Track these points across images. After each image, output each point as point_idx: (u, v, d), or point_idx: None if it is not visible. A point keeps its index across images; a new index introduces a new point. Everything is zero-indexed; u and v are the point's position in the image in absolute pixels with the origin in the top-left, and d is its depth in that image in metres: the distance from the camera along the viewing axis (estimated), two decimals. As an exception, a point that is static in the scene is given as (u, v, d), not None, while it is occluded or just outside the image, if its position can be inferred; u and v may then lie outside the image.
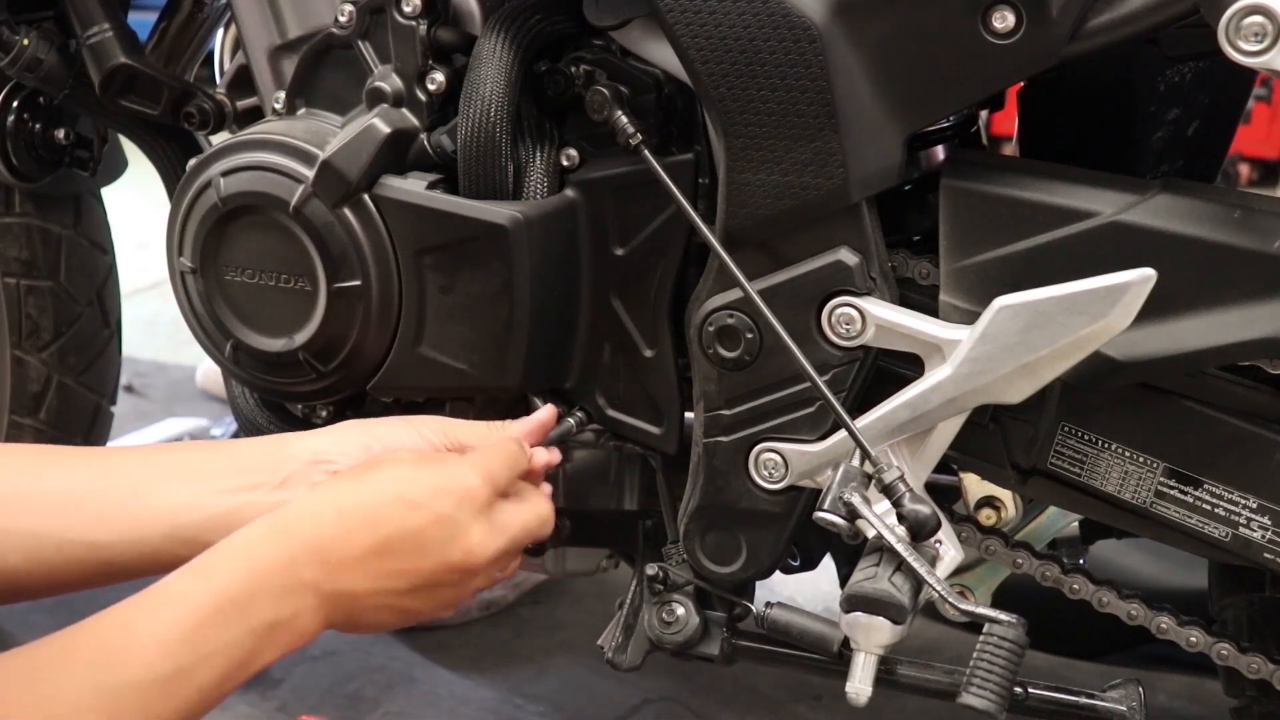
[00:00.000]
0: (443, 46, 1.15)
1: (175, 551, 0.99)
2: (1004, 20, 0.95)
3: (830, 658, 1.10)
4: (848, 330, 1.05)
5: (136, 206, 2.39)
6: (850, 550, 1.19)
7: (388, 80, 1.15)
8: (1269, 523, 1.04)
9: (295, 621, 0.90)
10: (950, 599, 0.95)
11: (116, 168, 1.68)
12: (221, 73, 1.39)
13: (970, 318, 1.01)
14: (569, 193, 1.14)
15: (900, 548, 0.96)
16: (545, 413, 1.14)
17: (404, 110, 1.15)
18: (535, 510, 1.05)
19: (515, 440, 1.07)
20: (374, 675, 1.79)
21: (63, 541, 0.98)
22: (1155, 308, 0.96)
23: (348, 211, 1.14)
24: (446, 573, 0.97)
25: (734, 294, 1.07)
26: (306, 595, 0.91)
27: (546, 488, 1.10)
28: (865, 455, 0.99)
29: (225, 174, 1.18)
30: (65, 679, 0.81)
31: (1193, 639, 1.13)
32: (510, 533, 1.01)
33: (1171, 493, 1.06)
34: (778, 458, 1.09)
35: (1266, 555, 1.05)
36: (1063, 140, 1.21)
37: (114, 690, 0.81)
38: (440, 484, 0.97)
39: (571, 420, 1.18)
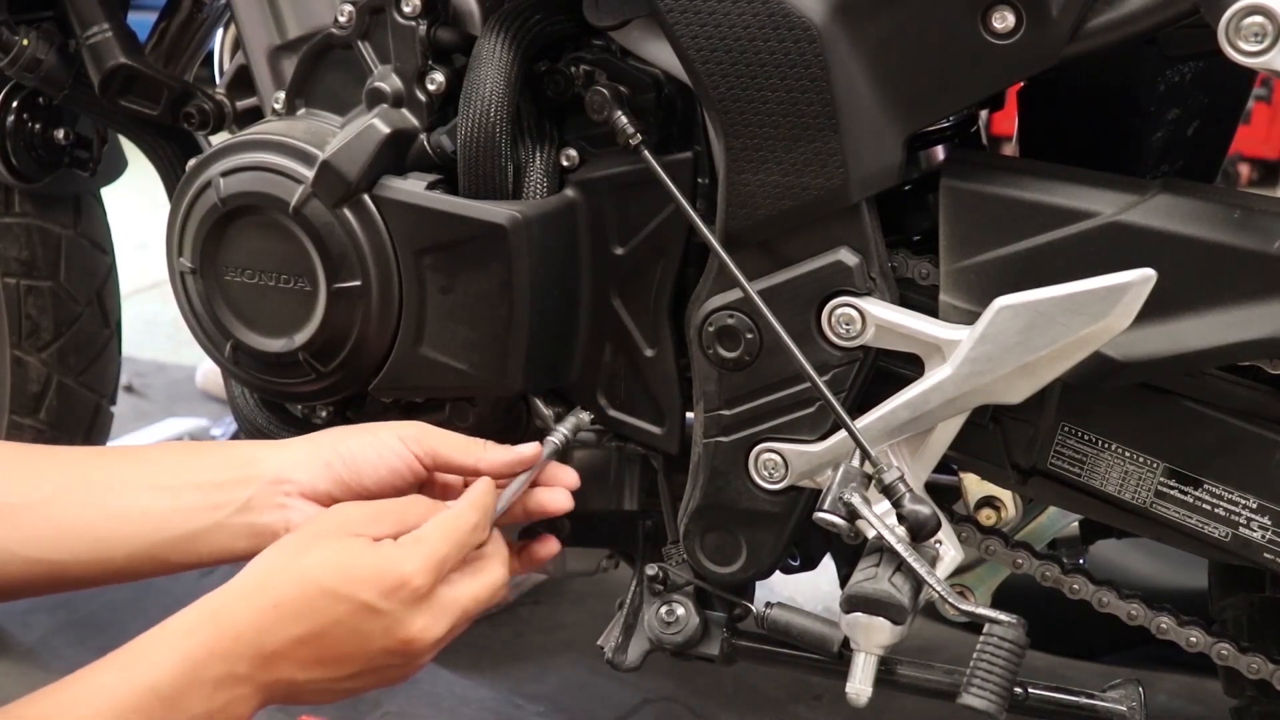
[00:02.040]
0: (443, 46, 1.15)
1: (139, 568, 0.99)
2: (1004, 20, 0.95)
3: (830, 658, 1.10)
4: (848, 330, 1.05)
5: (136, 206, 2.39)
6: (850, 550, 1.19)
7: (388, 80, 1.15)
8: (1269, 523, 1.04)
9: (228, 710, 0.89)
10: (950, 599, 0.95)
11: (116, 168, 1.68)
12: (221, 73, 1.39)
13: (970, 318, 1.01)
14: (569, 193, 1.14)
15: (900, 548, 0.96)
16: (528, 450, 1.08)
17: (404, 110, 1.15)
18: (488, 580, 1.01)
19: (474, 515, 1.00)
20: (374, 675, 1.78)
21: (27, 558, 0.97)
22: (1155, 308, 0.95)
23: (347, 212, 1.14)
24: (387, 658, 0.95)
25: (734, 294, 1.07)
26: (240, 686, 0.89)
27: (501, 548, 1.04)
28: (865, 455, 0.99)
29: (225, 174, 1.18)
30: None
31: (1193, 639, 1.13)
32: (458, 609, 0.98)
33: (1171, 493, 1.06)
34: (778, 458, 1.09)
35: (1266, 555, 1.05)
36: (1063, 140, 1.21)
37: None
38: (379, 576, 0.93)
39: (555, 440, 1.12)
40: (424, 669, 1.79)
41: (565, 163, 1.15)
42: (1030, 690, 1.12)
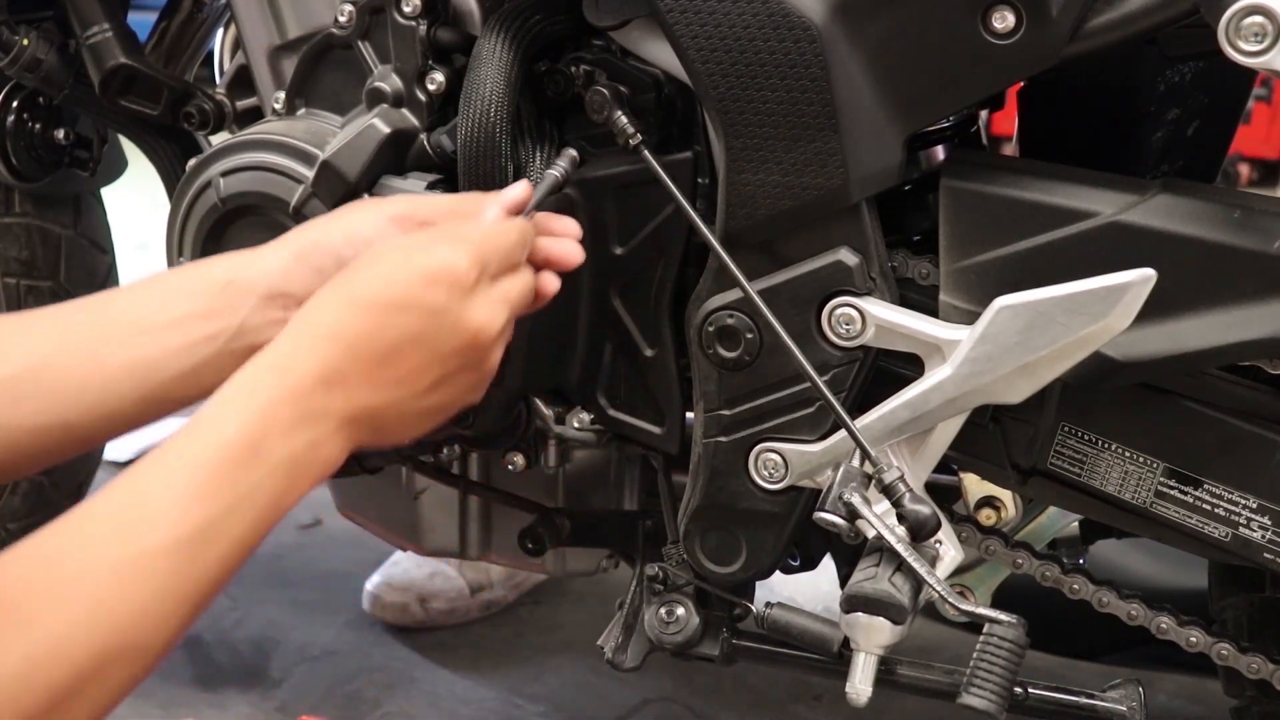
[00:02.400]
0: (443, 46, 1.15)
1: (153, 411, 0.97)
2: (1004, 20, 0.95)
3: (830, 658, 1.10)
4: (848, 330, 1.05)
5: (136, 206, 2.39)
6: (850, 550, 1.19)
7: (388, 80, 1.15)
8: (1269, 523, 1.04)
9: (316, 451, 0.87)
10: (950, 599, 0.95)
11: (116, 168, 1.68)
12: (221, 73, 1.39)
13: (970, 318, 1.01)
14: (568, 193, 1.14)
15: (900, 548, 0.95)
16: (520, 188, 1.04)
17: (404, 110, 1.15)
18: (524, 279, 0.99)
19: (517, 229, 0.99)
20: (374, 675, 1.79)
21: (36, 427, 0.95)
22: (1155, 308, 0.96)
23: (348, 211, 1.13)
24: (458, 359, 0.93)
25: (734, 294, 1.07)
26: (322, 423, 0.87)
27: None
28: (865, 455, 0.99)
29: (225, 174, 1.18)
30: (87, 558, 0.77)
31: (1193, 639, 1.13)
32: (511, 301, 0.96)
33: (1171, 493, 1.06)
34: (778, 458, 1.09)
35: (1266, 555, 1.05)
36: (1063, 140, 1.21)
37: (140, 559, 0.78)
38: (430, 274, 0.91)
39: (550, 175, 1.09)
40: (425, 668, 1.79)
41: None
42: (1030, 690, 1.12)
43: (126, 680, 0.78)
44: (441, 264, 0.92)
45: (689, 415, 1.17)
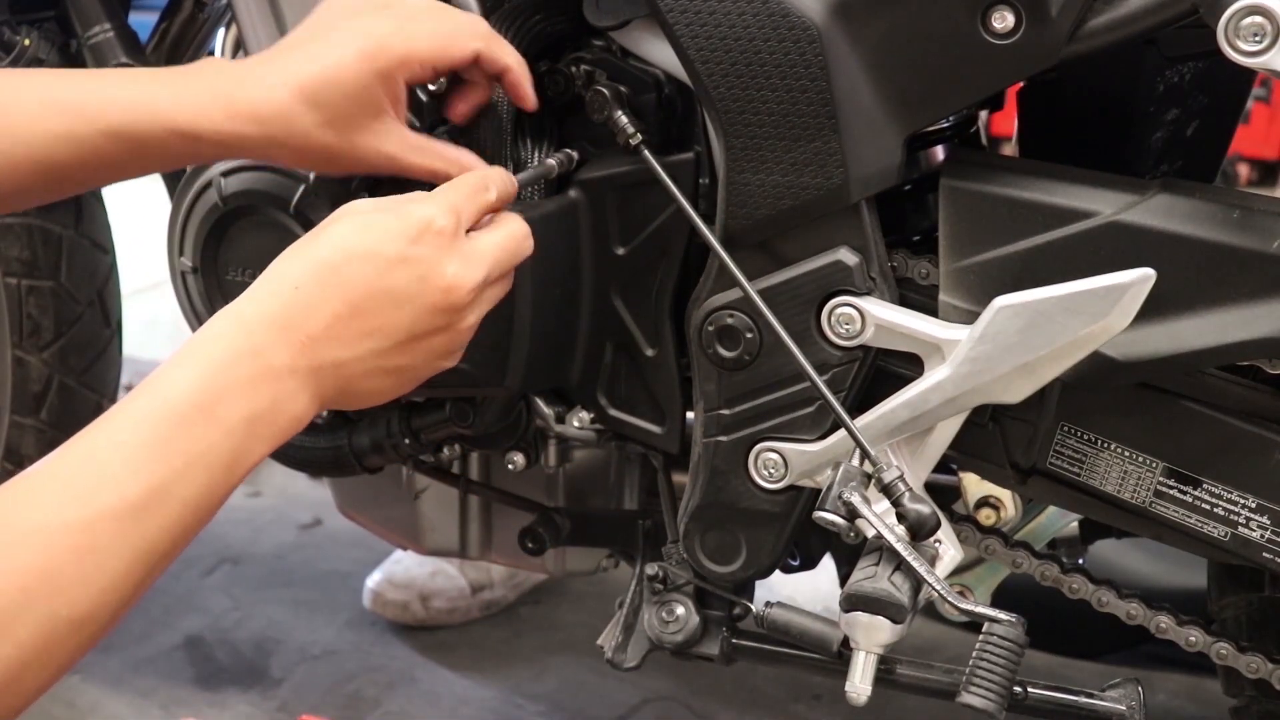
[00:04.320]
0: (443, 47, 1.15)
1: (120, 156, 0.99)
2: (1003, 20, 0.95)
3: (830, 657, 1.10)
4: (847, 330, 1.05)
5: (137, 207, 2.40)
6: (850, 550, 1.19)
7: (388, 80, 1.15)
8: (1268, 522, 1.04)
9: (278, 409, 0.85)
10: (950, 598, 0.95)
11: (117, 168, 1.68)
12: (222, 73, 1.38)
13: (970, 318, 1.01)
14: (570, 193, 1.14)
15: (900, 547, 0.96)
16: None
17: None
18: (509, 230, 0.98)
19: (480, 174, 1.00)
20: (374, 675, 1.79)
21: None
22: (1155, 308, 0.96)
23: (348, 211, 1.14)
24: (430, 317, 0.91)
25: (734, 294, 1.07)
26: (283, 380, 0.85)
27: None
28: (865, 455, 0.99)
29: (225, 174, 1.18)
30: (32, 521, 0.75)
31: (1192, 638, 1.13)
32: (489, 259, 0.94)
33: (1171, 492, 1.06)
34: (777, 457, 1.09)
35: (1265, 555, 1.05)
36: (1063, 140, 1.22)
37: (86, 523, 0.76)
38: (399, 226, 0.90)
39: (552, 160, 1.11)
40: (425, 668, 1.79)
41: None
42: (1030, 690, 1.12)
43: (73, 650, 0.76)
44: (415, 215, 0.91)
45: (689, 415, 1.17)
